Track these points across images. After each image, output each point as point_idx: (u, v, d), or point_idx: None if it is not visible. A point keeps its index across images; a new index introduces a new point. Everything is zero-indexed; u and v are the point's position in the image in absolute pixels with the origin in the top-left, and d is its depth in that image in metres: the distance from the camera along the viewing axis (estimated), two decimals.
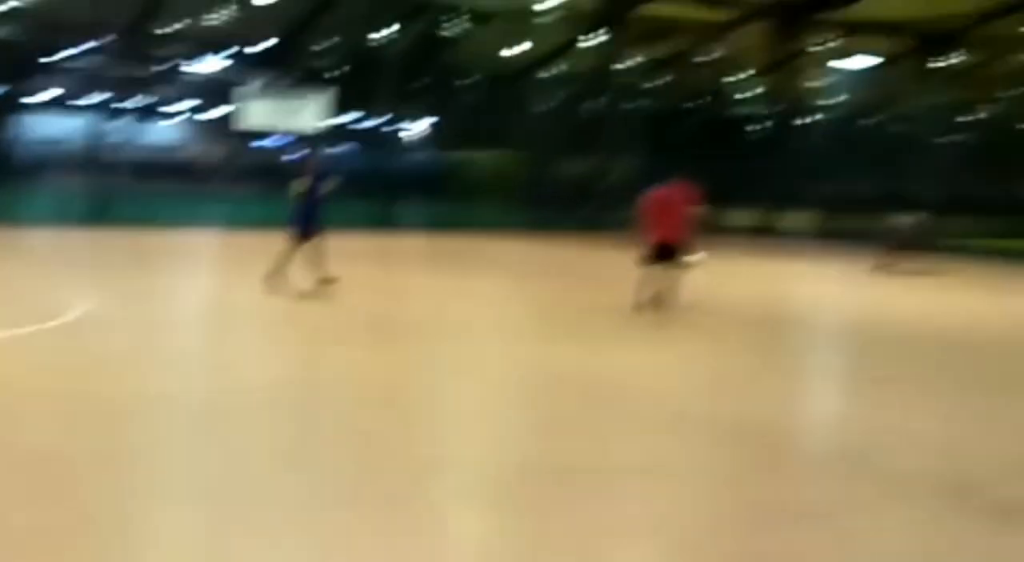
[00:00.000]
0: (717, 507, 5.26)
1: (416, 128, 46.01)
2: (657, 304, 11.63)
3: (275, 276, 12.04)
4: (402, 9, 27.70)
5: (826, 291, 16.93)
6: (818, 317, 13.76)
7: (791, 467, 6.08)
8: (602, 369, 8.62)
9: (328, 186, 12.41)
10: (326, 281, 11.99)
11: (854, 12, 29.70)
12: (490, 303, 13.03)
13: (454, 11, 33.18)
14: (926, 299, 15.94)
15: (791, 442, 6.68)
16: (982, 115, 49.67)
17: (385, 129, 26.17)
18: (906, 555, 4.70)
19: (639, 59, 37.14)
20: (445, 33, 35.59)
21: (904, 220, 19.45)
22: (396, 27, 25.67)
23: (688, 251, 11.86)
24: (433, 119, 45.65)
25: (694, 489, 5.58)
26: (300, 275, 12.06)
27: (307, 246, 12.16)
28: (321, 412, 6.82)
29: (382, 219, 24.36)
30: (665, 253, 11.71)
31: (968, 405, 7.94)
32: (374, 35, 27.14)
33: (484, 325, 11.32)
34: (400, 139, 39.71)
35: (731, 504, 5.29)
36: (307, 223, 12.18)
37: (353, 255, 15.34)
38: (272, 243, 12.39)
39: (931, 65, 33.10)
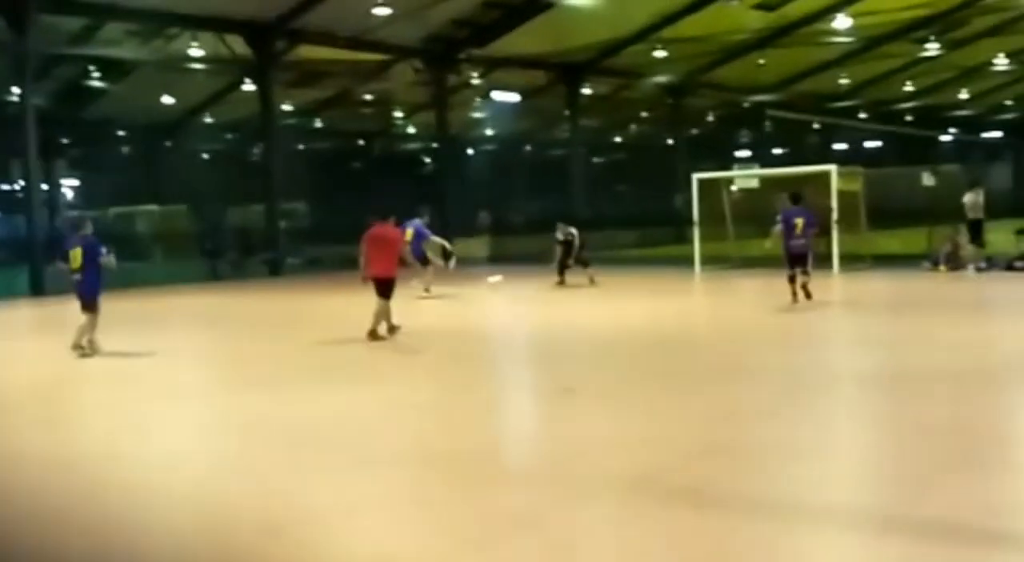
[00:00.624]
0: (429, 528, 5.49)
1: (67, 186, 43.22)
2: (391, 331, 12.83)
3: None
4: (40, 62, 25.98)
5: (508, 312, 17.84)
6: (504, 337, 14.45)
7: (495, 483, 6.41)
8: (297, 413, 8.61)
9: None
10: None
11: (497, 49, 31.52)
12: (172, 358, 12.53)
13: (98, 62, 31.54)
14: (597, 308, 17.22)
15: (492, 460, 7.04)
16: (623, 137, 54.36)
17: (30, 190, 24.25)
18: (606, 546, 5.14)
19: (302, 101, 37.22)
20: (92, 84, 33.73)
21: (563, 234, 20.69)
22: (34, 82, 24.00)
23: (392, 288, 12.94)
24: (85, 175, 43.11)
25: (407, 517, 5.77)
26: None
27: None
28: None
29: (34, 286, 22.62)
30: (381, 287, 12.80)
31: (646, 403, 8.73)
32: (12, 90, 25.24)
33: (164, 381, 10.89)
34: (50, 199, 37.12)
35: (437, 527, 5.54)
36: None
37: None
38: None
39: (573, 93, 35.67)
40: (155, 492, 6.53)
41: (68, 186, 43.73)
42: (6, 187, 38.00)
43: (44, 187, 34.11)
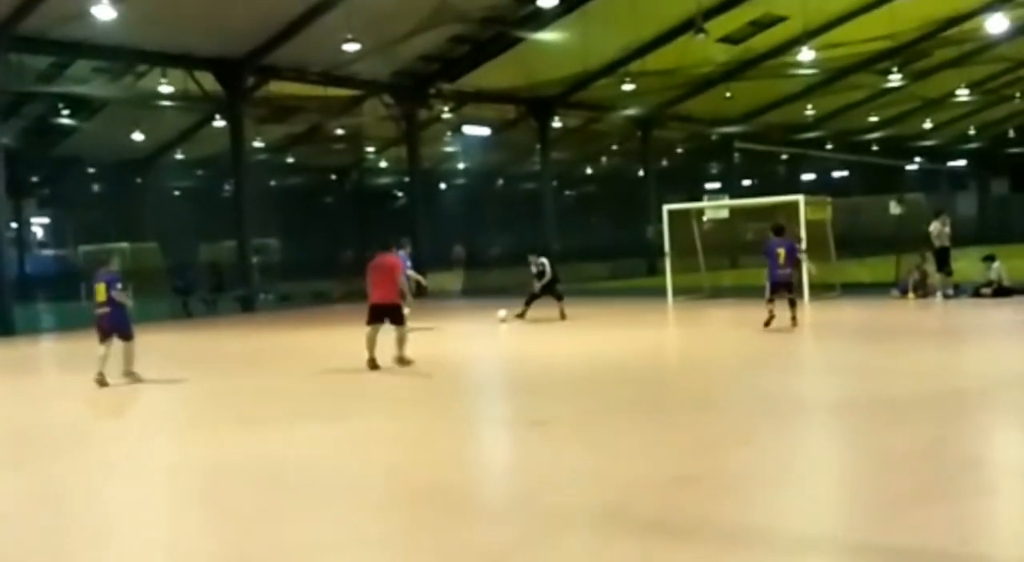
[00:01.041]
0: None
1: (37, 225, 42.93)
2: (399, 360, 13.34)
3: None
4: (8, 100, 25.89)
5: (479, 345, 17.82)
6: (474, 370, 14.43)
7: (464, 519, 6.37)
8: (265, 450, 8.54)
9: None
10: None
11: (467, 83, 31.75)
12: (141, 396, 12.42)
13: (67, 100, 31.45)
14: (568, 340, 17.23)
15: (461, 495, 7.00)
16: (594, 169, 54.70)
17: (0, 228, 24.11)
18: None
19: (273, 137, 37.22)
20: (61, 122, 33.61)
21: (536, 265, 20.61)
22: (2, 120, 23.93)
23: (400, 313, 13.48)
24: (55, 213, 42.83)
25: (375, 557, 5.72)
26: None
27: None
28: None
29: (3, 326, 22.39)
30: (380, 314, 13.30)
31: (617, 434, 8.73)
32: None
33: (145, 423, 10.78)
34: (17, 238, 36.83)
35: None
36: None
37: None
38: None
39: (543, 127, 35.90)
40: (122, 534, 6.45)
41: (38, 224, 43.41)
42: None
43: (14, 226, 33.89)
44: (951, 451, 7.56)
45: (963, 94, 40.76)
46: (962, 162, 59.69)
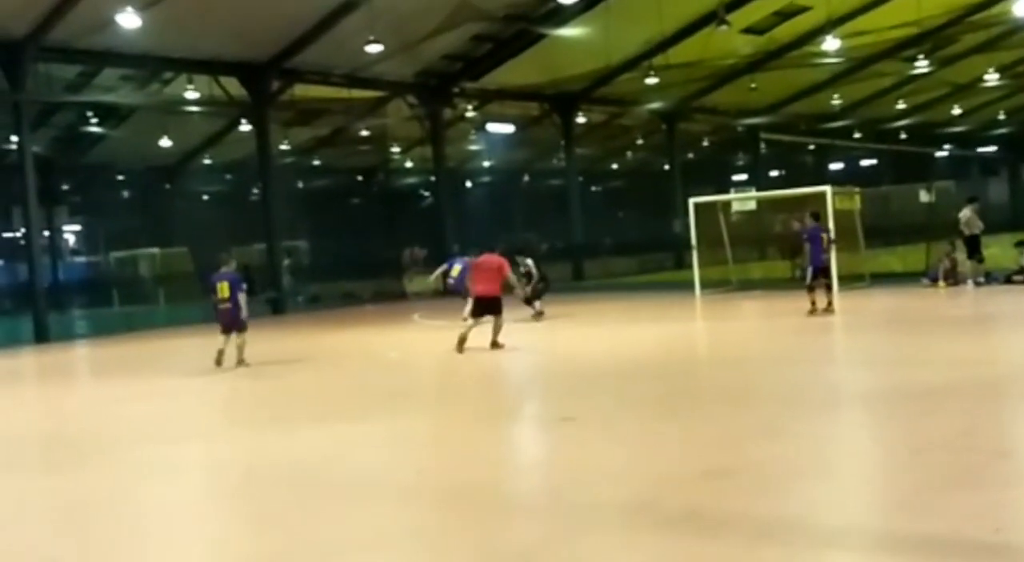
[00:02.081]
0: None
1: (69, 232, 43.41)
2: (494, 344, 15.00)
3: None
4: (38, 110, 26.25)
5: (507, 342, 17.82)
6: (503, 367, 14.46)
7: (495, 516, 6.41)
8: (309, 448, 8.62)
9: None
10: None
11: (490, 82, 31.78)
12: (176, 399, 12.56)
13: (95, 108, 31.80)
14: (597, 335, 17.22)
15: (492, 492, 7.03)
16: (619, 164, 54.58)
17: (31, 237, 24.39)
18: None
19: (299, 139, 37.45)
20: (90, 130, 34.00)
21: (523, 266, 20.54)
22: (32, 130, 24.25)
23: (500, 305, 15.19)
24: (86, 220, 43.29)
25: (408, 553, 5.78)
26: None
27: None
28: None
29: (38, 334, 22.72)
30: (484, 306, 15.09)
31: (646, 428, 8.73)
32: (11, 138, 25.48)
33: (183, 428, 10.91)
34: (50, 246, 37.27)
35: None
36: None
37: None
38: None
39: (567, 123, 35.87)
40: (161, 536, 6.54)
41: (69, 232, 43.90)
42: (8, 235, 38.18)
43: (46, 234, 34.31)
44: (983, 440, 7.51)
45: (992, 79, 40.25)
46: (992, 148, 58.98)
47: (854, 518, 5.88)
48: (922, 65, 35.60)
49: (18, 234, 34.02)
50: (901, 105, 45.19)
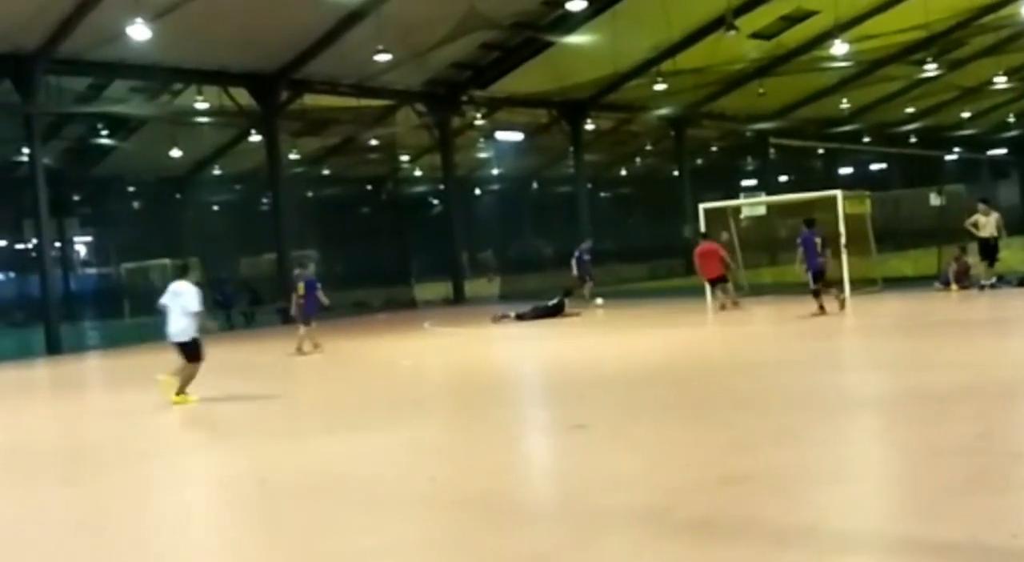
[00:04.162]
0: None
1: (80, 244, 43.59)
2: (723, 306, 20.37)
3: None
4: (48, 122, 26.38)
5: (518, 348, 17.85)
6: (515, 374, 14.46)
7: (510, 523, 6.39)
8: (323, 459, 8.63)
9: None
10: None
11: (498, 89, 31.82)
12: (184, 410, 12.58)
13: (106, 119, 31.94)
14: (608, 342, 17.21)
15: (506, 500, 7.01)
16: (628, 170, 54.56)
17: (43, 249, 24.54)
18: None
19: (308, 149, 37.54)
20: (100, 142, 34.14)
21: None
22: (43, 142, 24.37)
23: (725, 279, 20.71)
24: (97, 231, 43.46)
25: (432, 558, 5.79)
26: None
27: None
28: None
29: (50, 346, 22.80)
30: (712, 283, 20.87)
31: (659, 434, 8.71)
32: (22, 150, 25.63)
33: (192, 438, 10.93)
34: (61, 258, 37.41)
35: None
36: None
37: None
38: None
39: (576, 130, 35.89)
40: (178, 548, 6.55)
41: (81, 243, 44.08)
42: (19, 247, 38.36)
43: (57, 246, 34.44)
44: (998, 443, 7.47)
45: (1001, 82, 40.15)
46: (1002, 150, 58.77)
47: (870, 523, 5.85)
48: (931, 68, 35.53)
49: (30, 246, 34.20)
50: (910, 109, 45.10)
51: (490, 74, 30.96)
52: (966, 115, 48.33)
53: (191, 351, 12.23)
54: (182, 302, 12.17)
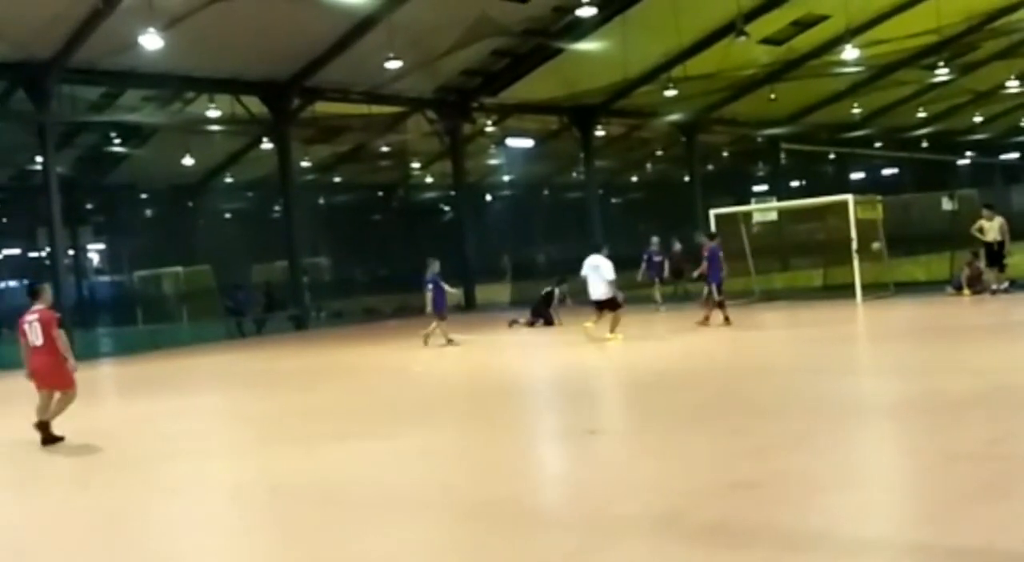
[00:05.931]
0: None
1: (93, 251, 43.80)
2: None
3: None
4: (62, 131, 26.53)
5: (530, 355, 17.86)
6: (526, 381, 14.45)
7: (523, 529, 6.41)
8: (334, 466, 8.65)
9: None
10: None
11: (509, 96, 31.86)
12: (201, 416, 12.64)
13: (119, 128, 32.11)
14: (619, 349, 17.19)
15: (520, 506, 7.03)
16: (639, 176, 54.55)
17: (56, 256, 24.66)
18: None
19: (320, 156, 37.68)
20: (114, 150, 34.33)
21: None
22: (57, 150, 24.51)
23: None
24: (110, 239, 43.67)
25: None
26: None
27: None
28: None
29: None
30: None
31: (671, 440, 8.70)
32: (36, 159, 25.80)
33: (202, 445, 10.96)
34: (75, 265, 37.60)
35: None
36: None
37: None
38: None
39: (586, 136, 35.89)
40: (189, 555, 6.58)
41: (94, 251, 44.29)
42: (33, 255, 38.56)
43: (70, 253, 34.62)
44: (1012, 449, 7.45)
45: (1013, 86, 39.99)
46: (1015, 155, 58.56)
47: (882, 530, 5.84)
48: (942, 73, 35.42)
49: (43, 254, 34.38)
50: (922, 113, 44.97)
51: (501, 81, 31.01)
52: (978, 119, 48.17)
53: (613, 304, 17.44)
54: (600, 273, 17.26)
